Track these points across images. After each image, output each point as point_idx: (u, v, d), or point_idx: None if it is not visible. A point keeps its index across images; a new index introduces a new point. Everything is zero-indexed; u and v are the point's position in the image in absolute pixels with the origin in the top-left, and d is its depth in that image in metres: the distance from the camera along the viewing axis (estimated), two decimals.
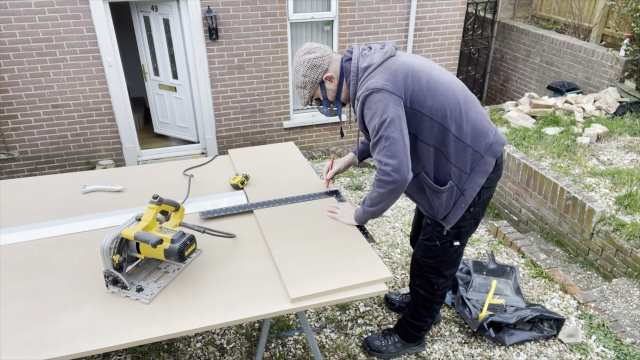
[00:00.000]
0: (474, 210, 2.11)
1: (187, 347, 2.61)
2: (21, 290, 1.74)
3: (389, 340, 2.55)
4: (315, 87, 2.02)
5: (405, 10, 6.70)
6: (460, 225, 2.13)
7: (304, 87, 2.01)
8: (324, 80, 2.01)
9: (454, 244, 2.19)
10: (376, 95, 1.87)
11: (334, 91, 2.04)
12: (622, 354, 2.62)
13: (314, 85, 2.01)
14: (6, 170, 6.06)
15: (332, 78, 2.01)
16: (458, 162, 2.01)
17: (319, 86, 2.02)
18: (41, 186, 2.46)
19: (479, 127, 2.02)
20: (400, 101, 1.88)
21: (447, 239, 2.17)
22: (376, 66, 1.93)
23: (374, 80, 1.89)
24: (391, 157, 1.87)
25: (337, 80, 2.02)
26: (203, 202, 2.30)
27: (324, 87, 2.02)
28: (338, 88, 2.03)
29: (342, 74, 2.01)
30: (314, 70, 1.98)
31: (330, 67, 2.00)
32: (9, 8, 5.25)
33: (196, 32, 5.90)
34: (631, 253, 3.43)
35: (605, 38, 7.23)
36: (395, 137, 1.86)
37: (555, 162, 4.51)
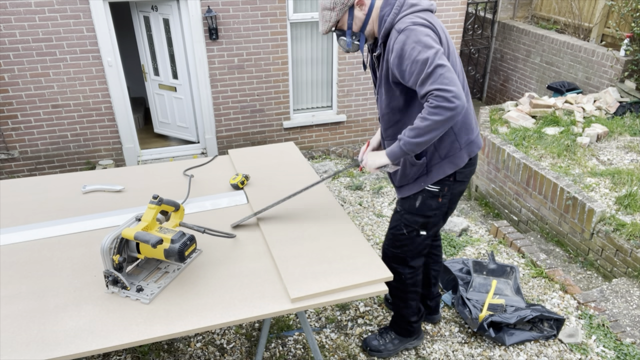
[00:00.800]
0: (442, 201, 2.12)
1: (187, 347, 2.61)
2: (21, 290, 1.74)
3: (386, 338, 2.56)
4: (344, 11, 1.87)
5: None
6: (427, 215, 2.14)
7: (332, 8, 1.86)
8: (354, 4, 1.88)
9: (421, 233, 2.19)
10: (423, 29, 1.78)
11: (361, 21, 1.90)
12: (622, 354, 2.62)
13: (344, 8, 1.87)
14: (6, 170, 6.06)
15: (363, 4, 1.88)
16: (438, 143, 1.99)
17: (348, 11, 1.88)
18: (41, 186, 2.46)
19: (468, 122, 2.03)
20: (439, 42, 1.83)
21: (413, 228, 2.18)
22: (421, 8, 1.86)
23: (419, 19, 1.81)
24: (450, 84, 1.72)
25: (367, 8, 1.89)
26: (203, 202, 2.30)
27: (352, 14, 1.88)
28: (366, 18, 1.90)
29: (373, 4, 1.88)
30: None
31: None
32: (9, 8, 5.25)
33: (196, 32, 5.90)
34: (631, 253, 3.43)
35: (605, 38, 7.23)
36: (449, 66, 1.75)
37: (555, 162, 4.51)
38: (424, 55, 1.75)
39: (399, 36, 1.80)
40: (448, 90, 1.72)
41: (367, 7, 1.88)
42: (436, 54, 1.74)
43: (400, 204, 2.20)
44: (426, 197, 2.10)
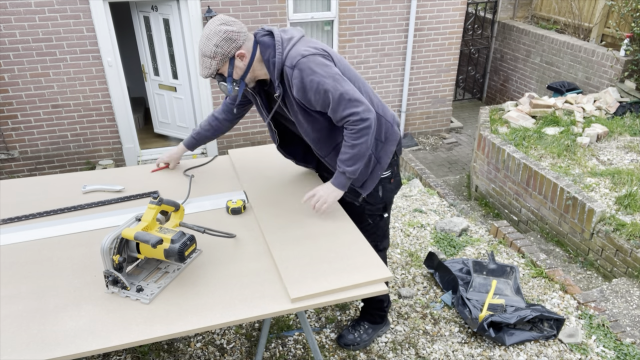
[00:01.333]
0: (395, 180, 2.28)
1: (187, 347, 2.61)
2: (21, 290, 1.74)
3: (360, 330, 2.64)
4: (224, 61, 1.91)
5: (405, 10, 6.70)
6: (386, 198, 2.28)
7: (212, 57, 1.89)
8: (235, 56, 1.91)
9: (384, 216, 2.33)
10: (313, 59, 1.90)
11: (241, 70, 1.96)
12: (622, 354, 2.62)
13: (224, 59, 1.90)
14: (6, 170, 6.06)
15: (244, 56, 1.92)
16: (376, 130, 2.12)
17: (229, 61, 1.92)
18: (41, 186, 2.46)
19: (382, 102, 2.22)
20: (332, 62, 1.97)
21: (376, 214, 2.29)
22: (298, 39, 1.98)
23: (303, 48, 1.92)
24: (358, 104, 1.93)
25: (247, 59, 1.94)
26: (203, 202, 2.30)
27: (233, 63, 1.92)
28: (247, 68, 1.96)
29: (254, 55, 1.94)
30: (228, 43, 1.88)
31: (244, 45, 1.92)
32: (9, 8, 5.25)
33: (196, 32, 5.90)
34: (631, 253, 3.43)
35: (605, 38, 7.23)
36: (352, 87, 1.94)
37: (555, 162, 4.51)
38: (323, 86, 1.89)
39: (293, 72, 1.91)
40: (359, 112, 1.93)
41: (247, 58, 1.94)
42: (335, 80, 1.90)
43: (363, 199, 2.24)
44: (384, 184, 2.25)
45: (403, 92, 7.29)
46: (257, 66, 1.98)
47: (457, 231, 3.72)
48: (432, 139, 7.70)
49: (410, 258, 3.41)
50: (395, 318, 2.85)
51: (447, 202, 4.32)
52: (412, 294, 3.04)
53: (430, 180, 4.90)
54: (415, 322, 2.82)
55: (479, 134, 5.14)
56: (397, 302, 2.98)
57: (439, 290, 3.11)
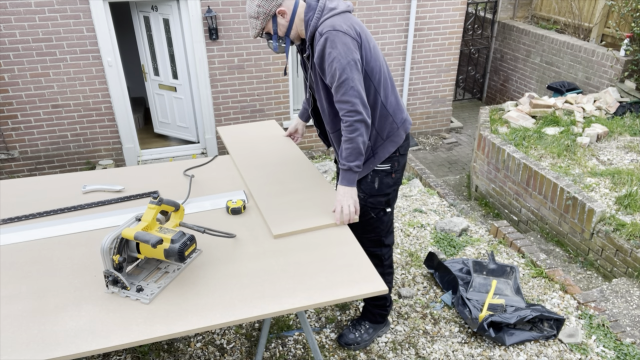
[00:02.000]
0: (395, 176, 2.32)
1: (187, 347, 2.61)
2: (21, 290, 1.74)
3: (361, 329, 2.65)
4: (267, 20, 2.05)
5: (405, 10, 6.70)
6: (387, 192, 2.31)
7: (256, 17, 2.04)
8: (276, 13, 2.05)
9: (387, 210, 2.36)
10: (341, 36, 1.97)
11: (284, 27, 2.08)
12: (622, 354, 2.62)
13: (267, 17, 2.04)
14: (6, 170, 6.06)
15: (285, 13, 2.05)
16: (379, 126, 2.20)
17: (271, 19, 2.05)
18: (41, 186, 2.46)
19: (399, 103, 2.27)
20: (359, 48, 2.03)
21: (379, 208, 2.33)
22: (340, 11, 2.04)
23: (339, 22, 1.98)
24: (357, 97, 2.01)
25: (289, 16, 2.06)
26: (203, 202, 2.30)
27: (276, 21, 2.06)
28: (289, 24, 2.08)
29: (295, 12, 2.06)
30: (269, 1, 2.01)
31: (284, 2, 2.04)
32: (9, 8, 5.25)
33: (196, 32, 5.90)
34: (631, 253, 3.43)
35: (605, 38, 7.23)
36: (359, 79, 2.01)
37: (555, 162, 4.51)
38: (337, 63, 1.98)
39: (320, 39, 2.00)
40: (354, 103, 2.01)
41: (289, 15, 2.06)
42: (348, 64, 1.97)
43: (361, 189, 2.30)
44: (382, 176, 2.28)
45: (403, 92, 7.29)
46: (299, 23, 2.09)
47: (457, 231, 3.72)
48: (432, 139, 7.70)
49: (410, 258, 3.41)
50: (395, 318, 2.85)
51: (447, 202, 4.32)
52: (412, 294, 3.04)
53: (430, 180, 4.90)
54: (415, 322, 2.82)
55: (479, 134, 5.14)
56: (397, 302, 2.98)
57: (439, 290, 3.11)
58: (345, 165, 2.10)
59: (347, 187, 2.12)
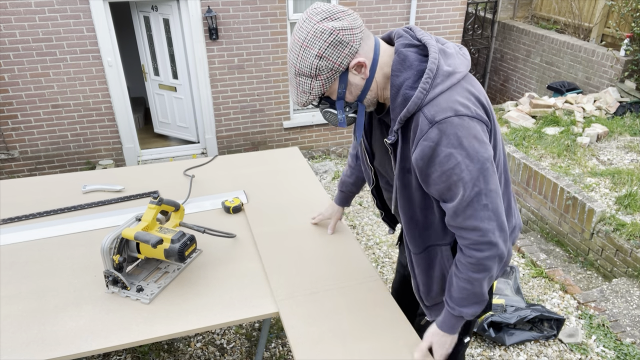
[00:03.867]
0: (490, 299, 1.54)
1: (187, 347, 2.61)
2: (21, 290, 1.74)
3: None
4: (333, 79, 1.24)
5: (405, 10, 6.70)
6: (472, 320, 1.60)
7: (314, 76, 1.22)
8: (349, 68, 1.23)
9: (465, 341, 1.66)
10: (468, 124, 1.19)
11: (358, 88, 1.28)
12: (622, 354, 2.62)
13: (334, 75, 1.23)
14: (6, 170, 6.06)
15: (363, 66, 1.24)
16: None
17: (339, 78, 1.25)
18: (41, 186, 2.46)
19: (511, 204, 1.50)
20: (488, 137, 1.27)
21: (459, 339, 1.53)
22: (461, 77, 1.26)
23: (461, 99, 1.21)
24: (493, 220, 1.26)
25: (368, 71, 1.25)
26: (203, 202, 2.30)
27: (346, 80, 1.25)
28: (365, 85, 1.27)
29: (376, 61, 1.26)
30: (339, 49, 1.19)
31: (361, 49, 1.23)
32: (9, 8, 5.25)
33: (196, 32, 5.90)
34: (631, 253, 3.43)
35: (605, 38, 7.23)
36: (496, 190, 1.26)
37: (555, 162, 4.50)
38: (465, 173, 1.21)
39: (430, 130, 1.19)
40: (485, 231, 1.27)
41: (368, 69, 1.24)
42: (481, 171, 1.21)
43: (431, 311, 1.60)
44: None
45: None
46: (381, 83, 1.29)
47: None
48: None
49: None
50: None
51: None
52: None
53: None
54: None
55: None
56: None
57: None
58: (454, 310, 1.40)
59: (445, 333, 1.45)
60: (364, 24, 1.26)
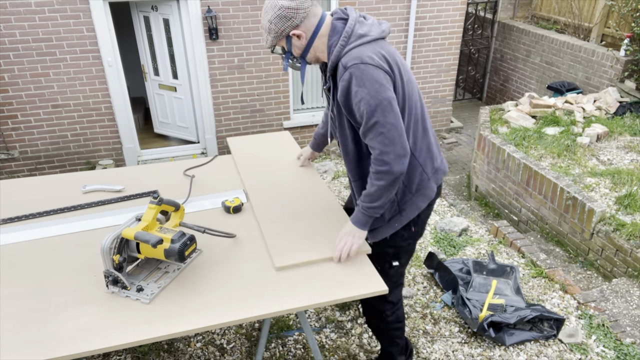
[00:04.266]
0: (415, 229, 1.98)
1: (187, 347, 2.61)
2: (21, 290, 1.74)
3: None
4: (279, 38, 1.77)
5: (405, 10, 6.70)
6: (398, 245, 1.99)
7: (267, 32, 1.77)
8: (290, 35, 1.75)
9: (394, 264, 2.03)
10: (371, 70, 1.65)
11: (300, 49, 1.79)
12: (622, 354, 2.62)
13: (278, 36, 1.76)
14: (6, 170, 6.06)
15: (301, 36, 1.75)
16: (407, 178, 1.87)
17: (285, 39, 1.77)
18: (41, 186, 2.46)
19: (432, 149, 1.93)
20: (392, 83, 1.71)
21: (385, 259, 2.01)
22: (372, 39, 1.71)
23: (368, 54, 1.67)
24: (389, 145, 1.69)
25: (305, 40, 1.76)
26: (202, 202, 2.30)
27: (290, 42, 1.77)
28: (306, 47, 1.78)
29: (316, 34, 1.75)
30: (282, 21, 1.71)
31: (302, 24, 1.73)
32: (9, 8, 5.25)
33: (196, 32, 5.90)
34: (631, 253, 3.43)
35: (605, 38, 7.23)
36: (392, 122, 1.68)
37: (555, 162, 4.51)
38: (365, 104, 1.67)
39: (345, 73, 1.68)
40: (384, 152, 1.70)
41: (305, 38, 1.76)
42: (378, 106, 1.65)
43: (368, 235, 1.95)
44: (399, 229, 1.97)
45: None
46: (319, 47, 1.78)
47: (457, 231, 3.71)
48: None
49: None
50: None
51: (447, 202, 4.32)
52: (412, 294, 3.04)
53: None
54: (415, 322, 2.82)
55: (479, 134, 5.14)
56: None
57: (439, 290, 3.11)
58: (359, 204, 1.84)
59: (354, 226, 1.86)
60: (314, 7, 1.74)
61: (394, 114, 1.68)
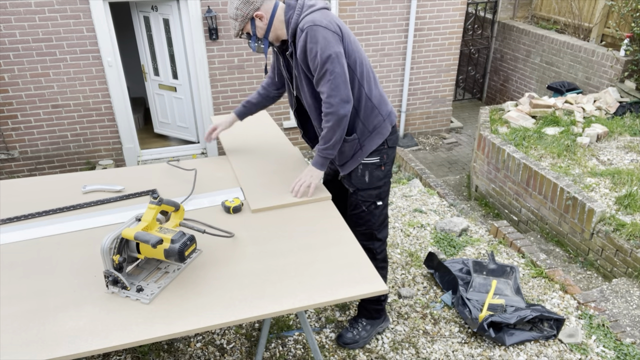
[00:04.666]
0: (385, 168, 2.35)
1: (187, 347, 2.61)
2: (21, 290, 1.74)
3: (358, 327, 2.63)
4: (245, 22, 2.12)
5: (405, 10, 6.70)
6: (377, 185, 2.35)
7: (235, 19, 2.11)
8: (254, 17, 2.11)
9: (378, 204, 2.38)
10: (322, 30, 2.02)
11: (262, 29, 2.14)
12: (622, 354, 2.62)
13: (244, 20, 2.11)
14: (6, 170, 6.06)
15: (262, 17, 2.10)
16: (365, 119, 2.24)
17: (250, 22, 2.12)
18: (41, 186, 2.46)
19: (383, 95, 2.31)
20: (340, 42, 2.07)
21: (370, 202, 2.37)
22: (319, 7, 2.10)
23: (319, 18, 2.04)
24: (335, 90, 2.06)
25: (267, 20, 2.12)
26: (201, 200, 2.30)
27: (254, 24, 2.12)
28: (267, 27, 2.13)
29: (274, 15, 2.11)
30: (247, 5, 2.08)
31: (262, 6, 2.10)
32: (9, 8, 5.25)
33: (196, 32, 5.90)
34: (631, 253, 3.43)
35: (605, 38, 7.23)
36: (339, 72, 2.04)
37: (555, 162, 4.51)
38: (317, 57, 2.03)
39: (302, 34, 2.05)
40: (331, 96, 2.07)
41: (266, 18, 2.12)
42: (328, 58, 2.02)
43: (351, 184, 2.36)
44: (372, 169, 2.32)
45: (403, 92, 7.29)
46: (278, 25, 2.14)
47: (457, 231, 3.71)
48: (432, 139, 7.70)
49: (410, 258, 3.41)
50: (395, 318, 2.85)
51: (447, 202, 4.32)
52: (412, 294, 3.04)
53: (430, 180, 4.90)
54: (415, 322, 2.82)
55: (479, 134, 5.14)
56: (397, 302, 2.98)
57: (439, 290, 3.11)
58: (318, 149, 2.22)
59: (314, 168, 2.24)
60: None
61: (340, 66, 2.05)
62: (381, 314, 2.66)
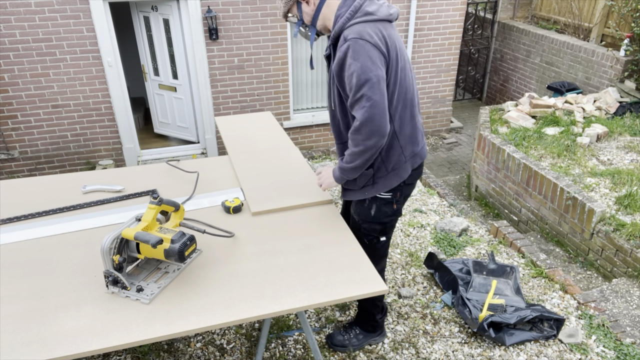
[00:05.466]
0: (397, 206, 2.14)
1: (187, 347, 2.61)
2: (21, 290, 1.74)
3: (350, 333, 2.60)
4: (290, 4, 1.93)
5: (405, 10, 6.70)
6: (383, 221, 2.17)
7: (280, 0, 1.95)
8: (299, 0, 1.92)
9: (381, 239, 2.24)
10: (368, 48, 1.75)
11: (309, 15, 1.93)
12: (622, 354, 2.62)
13: (289, 2, 1.93)
14: (6, 170, 6.06)
15: (309, 2, 1.90)
16: (385, 156, 2.01)
17: (295, 4, 1.93)
18: (41, 186, 2.46)
19: (415, 135, 2.06)
20: (385, 65, 1.82)
21: (373, 236, 2.22)
22: (377, 19, 1.82)
23: (369, 31, 1.77)
24: (369, 121, 1.80)
25: (314, 5, 1.90)
26: (201, 200, 2.30)
27: (300, 8, 1.92)
28: (315, 13, 1.91)
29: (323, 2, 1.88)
30: None
31: None
32: (9, 8, 5.25)
33: (196, 32, 5.90)
34: (631, 253, 3.43)
35: (605, 38, 7.23)
36: (377, 100, 1.78)
37: (555, 162, 4.51)
38: (355, 77, 1.77)
39: (343, 45, 1.80)
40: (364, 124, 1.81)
41: (314, 3, 1.90)
42: (366, 82, 1.76)
43: (357, 212, 2.18)
44: (380, 204, 2.11)
45: None
46: (328, 15, 1.90)
47: (457, 231, 3.71)
48: (432, 139, 7.70)
49: (410, 258, 3.41)
50: (395, 318, 2.85)
51: (447, 202, 4.32)
52: (412, 294, 3.04)
53: (430, 180, 4.90)
54: (415, 322, 2.82)
55: (479, 134, 5.14)
56: (397, 302, 2.98)
57: (439, 290, 3.11)
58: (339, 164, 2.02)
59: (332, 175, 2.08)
60: None
61: (380, 93, 1.79)
62: (377, 329, 2.60)
